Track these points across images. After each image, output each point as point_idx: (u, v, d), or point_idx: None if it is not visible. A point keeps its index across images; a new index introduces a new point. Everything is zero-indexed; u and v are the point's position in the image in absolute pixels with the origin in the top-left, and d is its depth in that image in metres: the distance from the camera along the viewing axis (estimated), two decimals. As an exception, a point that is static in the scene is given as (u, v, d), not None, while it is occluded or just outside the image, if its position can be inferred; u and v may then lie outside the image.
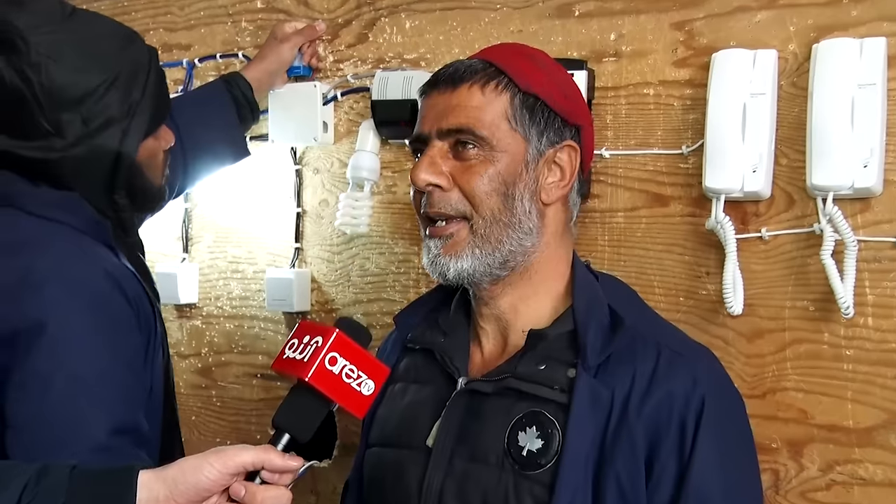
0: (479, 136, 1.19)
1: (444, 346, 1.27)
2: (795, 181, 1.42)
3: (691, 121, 1.49)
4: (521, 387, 1.17)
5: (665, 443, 1.11)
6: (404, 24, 1.75)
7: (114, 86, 1.32)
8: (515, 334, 1.24)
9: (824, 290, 1.38)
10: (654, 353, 1.16)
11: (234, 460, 1.03)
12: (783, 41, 1.43)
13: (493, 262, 1.20)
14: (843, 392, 1.39)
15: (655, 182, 1.52)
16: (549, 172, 1.23)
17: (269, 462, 1.05)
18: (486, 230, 1.20)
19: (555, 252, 1.25)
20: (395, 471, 1.24)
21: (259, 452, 1.04)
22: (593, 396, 1.13)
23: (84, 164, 1.32)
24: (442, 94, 1.22)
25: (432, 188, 1.21)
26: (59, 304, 1.23)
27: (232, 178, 1.91)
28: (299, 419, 1.08)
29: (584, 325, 1.17)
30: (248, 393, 1.98)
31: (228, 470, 1.03)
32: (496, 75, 1.21)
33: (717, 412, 1.13)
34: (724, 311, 1.43)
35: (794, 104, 1.42)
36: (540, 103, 1.21)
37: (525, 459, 1.14)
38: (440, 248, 1.21)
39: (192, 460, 1.03)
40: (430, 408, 1.24)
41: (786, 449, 1.43)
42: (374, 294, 1.81)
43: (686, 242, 1.50)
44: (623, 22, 1.54)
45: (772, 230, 1.43)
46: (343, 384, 1.07)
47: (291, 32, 1.78)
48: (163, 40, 2.03)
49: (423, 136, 1.24)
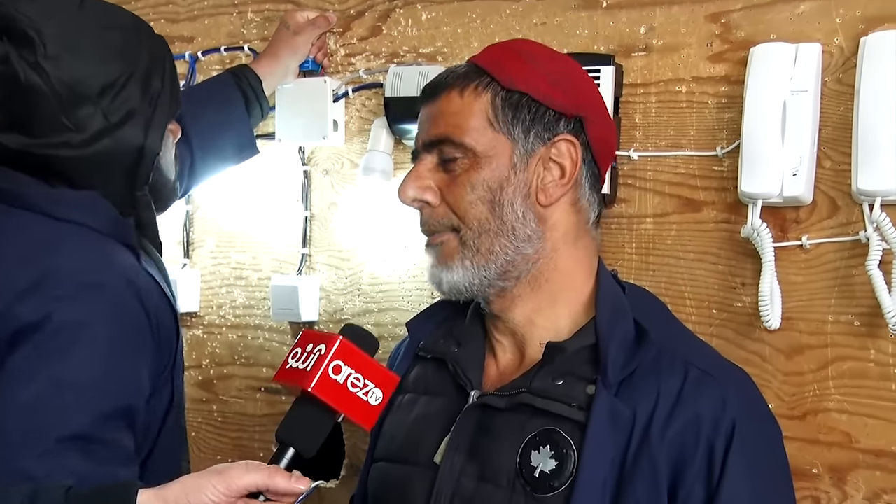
0: (460, 144, 1.15)
1: (457, 357, 1.22)
2: (840, 185, 1.35)
3: (727, 120, 1.42)
4: (536, 403, 1.12)
5: (691, 468, 1.05)
6: (420, 16, 1.68)
7: (133, 77, 1.28)
8: (533, 347, 1.18)
9: (870, 304, 1.31)
10: (680, 371, 1.10)
11: (237, 483, 1.00)
12: (828, 34, 1.35)
13: (489, 273, 1.15)
14: (891, 414, 1.32)
15: (687, 186, 1.45)
16: (546, 171, 1.16)
17: (274, 485, 1.01)
18: (475, 241, 1.15)
19: (568, 258, 1.18)
20: (400, 488, 1.19)
21: (264, 475, 1.01)
22: (613, 415, 1.07)
23: (106, 160, 1.27)
24: (428, 106, 1.19)
25: (421, 204, 1.18)
26: (71, 307, 1.17)
27: (236, 180, 1.84)
28: (304, 433, 1.04)
29: (607, 339, 1.11)
30: (251, 408, 1.91)
31: (231, 493, 1.00)
32: (476, 77, 1.16)
33: (748, 437, 1.07)
34: (760, 325, 1.37)
35: (840, 102, 1.35)
36: (526, 99, 1.15)
37: (537, 481, 1.08)
38: (434, 259, 1.19)
39: (194, 479, 1.01)
40: (440, 422, 1.18)
41: (828, 475, 1.36)
42: (385, 304, 1.74)
43: (720, 251, 1.43)
44: (654, 14, 1.47)
45: (813, 238, 1.36)
46: (348, 394, 1.03)
47: (305, 23, 1.71)
48: (164, 32, 1.95)
49: (414, 152, 1.22)
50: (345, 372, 1.02)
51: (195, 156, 1.65)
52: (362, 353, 1.04)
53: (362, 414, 1.04)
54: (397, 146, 1.69)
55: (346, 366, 1.02)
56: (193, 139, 1.63)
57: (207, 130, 1.65)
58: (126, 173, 1.30)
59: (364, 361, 1.04)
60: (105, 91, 1.25)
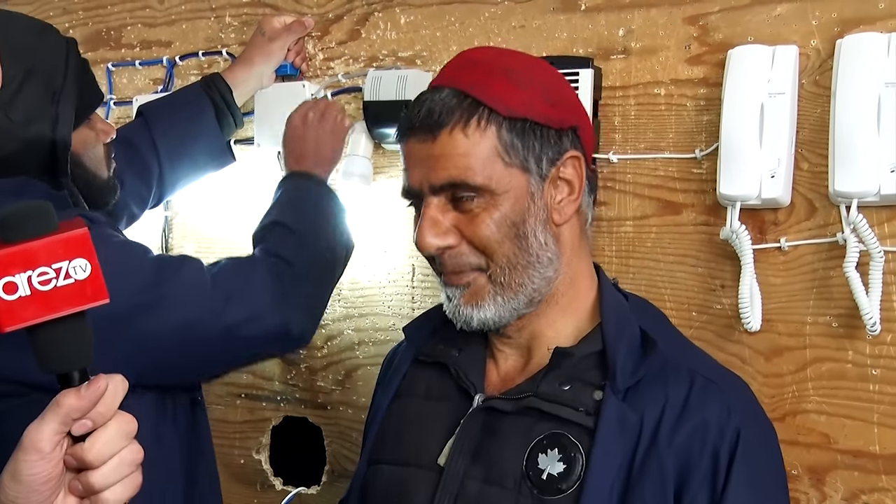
0: (475, 187, 1.10)
1: (458, 361, 1.21)
2: (817, 187, 1.35)
3: (705, 123, 1.41)
4: (543, 407, 1.11)
5: (696, 473, 1.05)
6: (399, 20, 1.67)
7: (31, 77, 1.29)
8: (537, 352, 1.18)
9: (848, 305, 1.31)
10: (686, 379, 1.10)
11: (39, 438, 0.82)
12: (805, 36, 1.35)
13: (518, 304, 1.14)
14: (869, 415, 1.31)
15: (667, 188, 1.45)
16: (557, 191, 1.15)
17: (70, 406, 0.82)
18: (504, 278, 1.12)
19: (575, 268, 1.18)
20: (401, 490, 1.17)
21: (55, 410, 0.82)
22: (621, 421, 1.07)
23: (22, 157, 1.29)
24: (423, 144, 1.12)
25: (441, 251, 1.13)
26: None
27: (215, 185, 1.83)
28: (64, 352, 0.83)
29: (614, 346, 1.11)
30: (231, 414, 1.89)
31: (45, 457, 0.82)
32: (474, 109, 1.10)
33: (751, 444, 1.07)
34: (739, 327, 1.37)
35: (816, 104, 1.35)
36: (529, 124, 1.11)
37: (545, 483, 1.08)
38: (460, 298, 1.14)
39: (9, 466, 0.84)
40: (443, 425, 1.17)
41: (807, 476, 1.36)
42: (366, 308, 1.73)
43: (699, 253, 1.42)
44: (632, 16, 1.47)
45: (791, 240, 1.36)
46: (48, 295, 0.79)
47: (281, 28, 1.69)
48: (141, 37, 1.94)
49: (414, 191, 1.15)
50: (20, 279, 0.78)
51: (163, 165, 1.66)
52: (21, 244, 0.78)
53: (84, 296, 0.81)
54: (376, 150, 1.68)
55: (16, 273, 0.78)
56: (161, 149, 1.64)
57: (177, 140, 1.65)
58: (46, 168, 1.32)
59: (31, 251, 0.78)
60: (2, 92, 1.27)
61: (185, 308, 1.30)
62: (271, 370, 1.82)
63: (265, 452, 1.84)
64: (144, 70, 1.95)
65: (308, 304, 1.44)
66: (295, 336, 1.42)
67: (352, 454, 1.73)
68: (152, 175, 1.61)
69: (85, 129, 1.39)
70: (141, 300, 1.26)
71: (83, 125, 1.38)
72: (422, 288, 1.66)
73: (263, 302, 1.36)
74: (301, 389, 1.79)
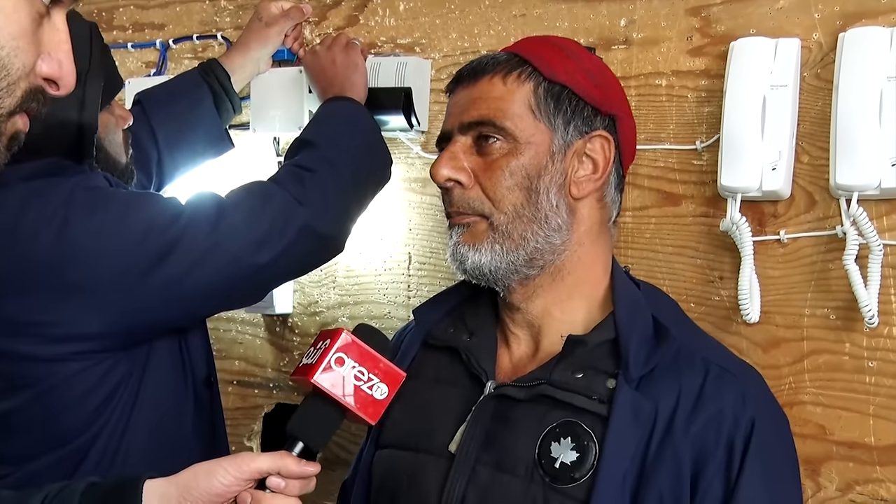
0: (501, 128, 1.13)
1: (470, 346, 1.20)
2: (817, 180, 1.35)
3: (706, 114, 1.42)
4: (556, 395, 1.11)
5: (712, 462, 1.06)
6: (398, 7, 1.67)
7: None
8: (549, 339, 1.17)
9: (846, 298, 1.32)
10: (701, 368, 1.10)
11: (249, 466, 1.02)
12: (807, 29, 1.36)
13: (517, 259, 1.14)
14: (865, 407, 1.32)
15: (667, 179, 1.45)
16: (581, 165, 1.16)
17: (286, 468, 1.02)
18: (507, 226, 1.14)
19: (590, 252, 1.18)
20: (411, 476, 1.17)
21: (276, 458, 1.03)
22: (636, 410, 1.07)
23: (49, 139, 1.28)
24: (465, 89, 1.18)
25: (452, 184, 1.16)
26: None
27: (209, 170, 1.81)
28: (312, 426, 1.05)
29: (627, 334, 1.11)
30: (222, 400, 1.85)
31: (243, 475, 1.01)
32: (519, 65, 1.16)
33: (766, 434, 1.08)
34: (738, 318, 1.37)
35: (818, 98, 1.35)
36: (567, 91, 1.15)
37: (557, 472, 1.07)
38: (460, 236, 1.16)
39: (206, 465, 1.03)
40: (454, 411, 1.17)
41: (803, 467, 1.35)
42: (361, 296, 1.72)
43: (698, 245, 1.43)
44: (634, 7, 1.47)
45: (791, 232, 1.36)
46: (352, 387, 1.04)
47: (278, 14, 1.67)
48: (133, 19, 1.92)
49: (446, 134, 1.19)
50: (348, 365, 1.04)
51: (162, 152, 1.65)
52: (367, 347, 1.05)
53: (367, 407, 1.04)
54: (374, 137, 1.67)
55: (349, 359, 1.04)
56: (159, 135, 1.63)
57: (175, 127, 1.64)
58: (70, 150, 1.33)
59: (368, 356, 1.05)
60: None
61: (202, 245, 1.30)
62: (264, 357, 1.81)
63: (256, 440, 1.84)
64: (137, 53, 1.93)
65: (333, 204, 1.41)
66: (326, 235, 1.39)
67: (344, 441, 1.72)
68: (151, 163, 1.60)
69: (105, 114, 1.40)
70: (159, 247, 1.28)
71: (104, 110, 1.38)
72: (418, 276, 1.65)
73: (279, 212, 1.35)
74: (294, 377, 1.78)
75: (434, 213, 1.63)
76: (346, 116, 1.50)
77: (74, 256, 1.25)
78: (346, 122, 1.49)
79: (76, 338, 1.28)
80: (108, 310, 1.28)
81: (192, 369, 1.44)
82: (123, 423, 1.35)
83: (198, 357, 1.46)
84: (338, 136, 1.46)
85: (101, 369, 1.31)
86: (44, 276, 1.25)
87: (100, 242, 1.26)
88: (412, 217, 1.65)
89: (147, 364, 1.37)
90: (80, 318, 1.27)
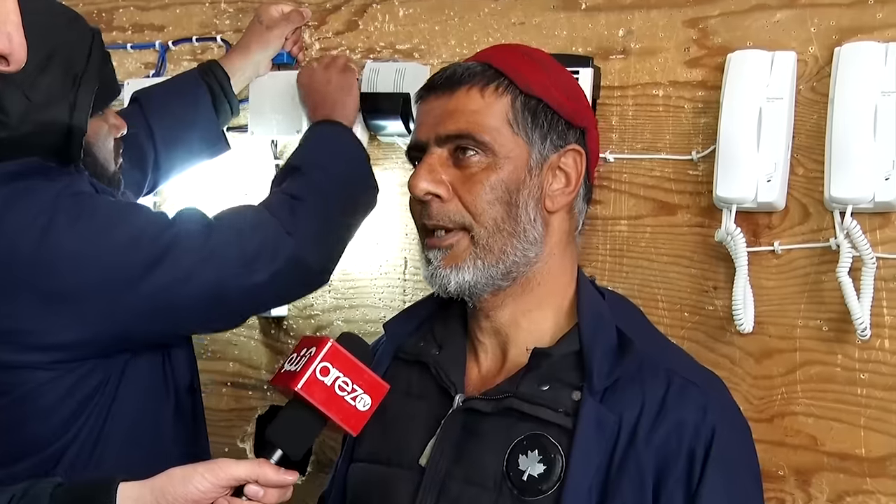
0: (481, 142, 1.13)
1: (438, 360, 1.21)
2: (811, 193, 1.36)
3: (702, 125, 1.43)
4: (523, 408, 1.11)
5: (673, 472, 1.07)
6: (397, 12, 1.67)
7: (54, 60, 1.29)
8: (515, 350, 1.18)
9: (839, 310, 1.33)
10: (664, 379, 1.11)
11: (226, 472, 1.01)
12: (803, 43, 1.37)
13: (496, 273, 1.14)
14: (856, 419, 1.33)
15: (662, 189, 1.46)
16: (554, 179, 1.17)
17: (264, 476, 1.01)
18: (487, 240, 1.14)
19: (559, 263, 1.19)
20: (383, 490, 1.18)
21: (253, 466, 1.02)
22: (599, 422, 1.08)
23: (35, 139, 1.29)
24: (439, 99, 1.17)
25: (431, 198, 1.15)
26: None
27: (206, 172, 1.81)
28: (292, 434, 1.05)
29: (591, 347, 1.12)
30: (216, 402, 1.88)
31: (220, 482, 1.00)
32: (495, 77, 1.16)
33: (726, 443, 1.09)
34: (731, 328, 1.38)
35: (813, 111, 1.36)
36: (542, 105, 1.16)
37: (525, 484, 1.08)
38: (440, 260, 1.15)
39: (182, 470, 1.01)
40: (424, 424, 1.17)
41: (793, 477, 1.37)
42: (356, 300, 1.72)
43: (693, 254, 1.44)
44: (633, 17, 1.48)
45: (785, 244, 1.37)
46: (336, 397, 1.03)
47: (279, 17, 1.68)
48: (133, 20, 1.92)
49: (420, 144, 1.18)
50: (332, 375, 1.02)
51: (158, 150, 1.64)
52: (352, 357, 1.04)
53: (349, 418, 1.03)
54: (371, 142, 1.67)
55: (334, 369, 1.02)
56: (157, 134, 1.63)
57: (172, 126, 1.64)
58: (57, 152, 1.31)
59: (353, 366, 1.04)
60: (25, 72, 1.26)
61: (191, 258, 1.30)
62: (259, 359, 1.82)
63: (250, 441, 1.84)
64: (136, 54, 1.93)
65: (322, 236, 1.42)
66: (313, 268, 1.40)
67: (338, 445, 1.71)
68: (148, 161, 1.60)
69: (98, 121, 1.39)
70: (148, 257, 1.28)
71: (97, 117, 1.38)
72: (413, 281, 1.66)
73: (268, 239, 1.35)
74: (288, 379, 1.78)
75: (430, 218, 1.63)
76: (336, 143, 1.51)
77: (57, 263, 1.24)
78: (335, 148, 1.50)
79: (53, 347, 1.27)
80: (90, 319, 1.27)
81: (175, 376, 1.43)
82: (97, 431, 1.34)
83: (181, 364, 1.45)
84: (327, 164, 1.47)
85: (76, 376, 1.30)
86: (23, 282, 1.24)
87: (85, 249, 1.25)
88: (408, 222, 1.64)
89: (125, 371, 1.36)
90: (60, 326, 1.26)
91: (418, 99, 1.21)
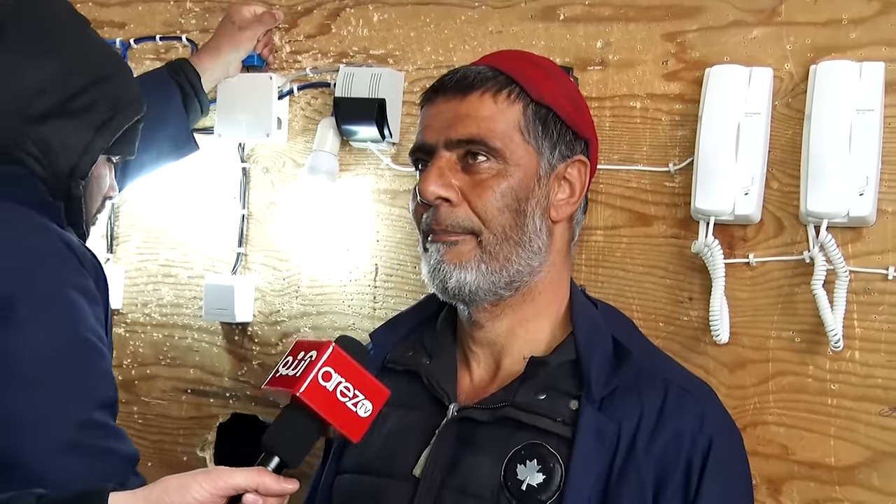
0: (493, 148, 1.13)
1: (430, 369, 1.20)
2: (786, 206, 1.38)
3: (679, 137, 1.44)
4: (520, 417, 1.11)
5: (671, 482, 1.08)
6: (372, 17, 1.65)
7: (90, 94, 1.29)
8: (510, 359, 1.18)
9: (811, 321, 1.35)
10: (661, 388, 1.13)
11: (226, 481, 0.97)
12: (779, 60, 1.39)
13: (499, 280, 1.14)
14: (827, 428, 1.36)
15: (639, 200, 1.47)
16: (560, 189, 1.18)
17: (264, 485, 0.97)
18: (495, 247, 1.13)
19: (559, 273, 1.20)
20: (374, 501, 1.16)
21: (253, 474, 0.98)
22: (599, 431, 1.09)
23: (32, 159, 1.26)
24: (449, 102, 1.16)
25: (440, 202, 1.14)
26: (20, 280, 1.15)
27: (169, 174, 1.77)
28: (291, 441, 1.00)
29: (588, 355, 1.13)
30: (175, 410, 1.83)
31: (219, 491, 0.97)
32: (507, 84, 1.16)
33: (722, 452, 1.11)
34: (705, 339, 1.40)
35: (788, 126, 1.39)
36: (552, 115, 1.17)
37: (524, 494, 1.08)
38: (443, 253, 1.14)
39: (179, 479, 0.98)
40: (417, 435, 1.16)
41: (764, 486, 1.39)
42: (324, 307, 1.69)
43: (668, 265, 1.45)
44: (611, 29, 1.48)
45: (759, 256, 1.39)
46: (337, 402, 0.99)
47: (251, 18, 1.65)
48: (92, 15, 1.86)
49: (428, 147, 1.17)
50: (335, 380, 0.99)
51: None
52: (354, 362, 1.01)
53: (350, 425, 1.00)
54: (343, 147, 1.65)
55: (336, 374, 0.99)
56: None
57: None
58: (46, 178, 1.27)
59: (356, 371, 1.00)
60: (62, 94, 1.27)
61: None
62: (221, 366, 1.78)
63: (210, 450, 1.80)
64: (94, 51, 1.87)
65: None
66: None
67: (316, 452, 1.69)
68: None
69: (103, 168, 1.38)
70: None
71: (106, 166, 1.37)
72: (384, 288, 1.64)
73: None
74: (253, 387, 1.75)
75: (402, 224, 1.62)
76: None
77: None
78: None
79: None
80: None
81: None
82: None
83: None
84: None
85: None
86: None
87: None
88: (380, 228, 1.64)
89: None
90: None
91: (425, 100, 1.19)
